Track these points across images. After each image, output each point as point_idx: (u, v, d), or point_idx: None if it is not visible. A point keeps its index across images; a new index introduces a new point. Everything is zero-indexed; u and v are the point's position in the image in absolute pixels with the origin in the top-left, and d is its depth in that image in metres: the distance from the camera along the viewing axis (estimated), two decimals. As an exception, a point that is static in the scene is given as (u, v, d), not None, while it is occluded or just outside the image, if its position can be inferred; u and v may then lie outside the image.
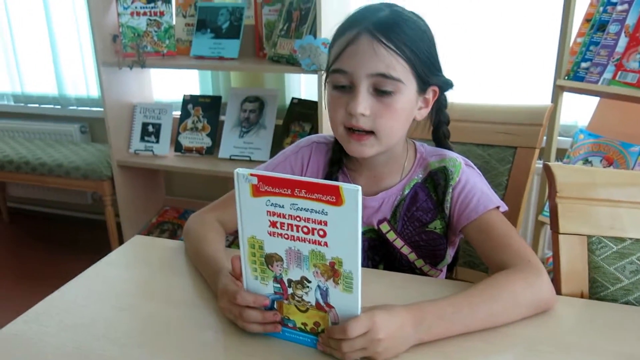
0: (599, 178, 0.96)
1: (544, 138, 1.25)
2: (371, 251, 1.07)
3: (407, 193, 1.04)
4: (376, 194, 1.05)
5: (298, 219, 0.70)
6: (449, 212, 1.02)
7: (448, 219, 1.03)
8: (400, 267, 1.07)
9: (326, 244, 0.70)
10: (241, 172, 0.71)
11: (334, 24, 0.98)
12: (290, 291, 0.76)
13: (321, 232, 0.69)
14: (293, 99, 2.44)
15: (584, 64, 1.80)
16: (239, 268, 0.79)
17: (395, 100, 0.92)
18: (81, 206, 3.26)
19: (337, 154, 1.06)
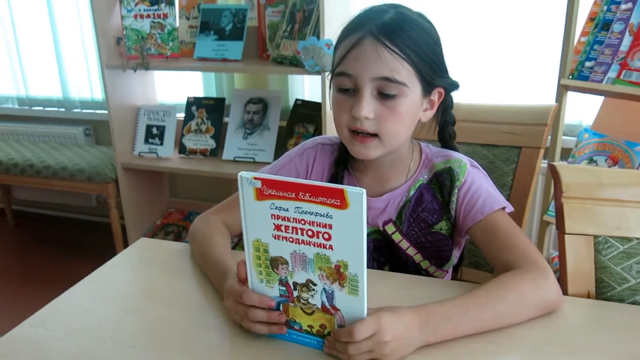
0: (604, 178, 0.96)
1: (549, 138, 1.24)
2: (376, 252, 1.07)
3: (412, 194, 1.04)
4: (381, 195, 1.04)
5: (303, 222, 0.69)
6: (454, 213, 1.02)
7: (454, 220, 1.03)
8: (406, 268, 1.06)
9: (331, 247, 0.69)
10: (245, 175, 0.71)
11: (337, 25, 0.97)
12: (295, 294, 0.76)
13: (326, 236, 0.69)
14: (297, 100, 2.44)
15: (588, 63, 1.79)
16: (244, 273, 0.79)
17: (399, 104, 0.92)
18: (86, 209, 3.27)
19: (343, 154, 1.06)
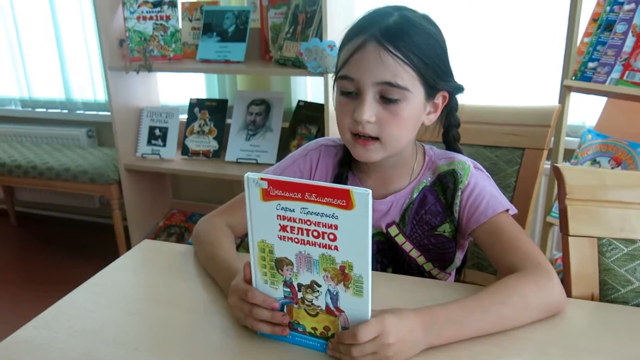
0: (608, 180, 0.96)
1: (552, 139, 1.24)
2: (380, 254, 1.07)
3: (415, 196, 1.04)
4: (385, 197, 1.04)
5: (308, 223, 0.70)
6: (458, 215, 1.02)
7: (457, 222, 1.03)
8: (409, 271, 1.06)
9: (336, 247, 0.69)
10: (251, 176, 0.71)
11: (339, 26, 0.97)
12: (300, 295, 0.76)
13: (331, 236, 0.69)
14: (299, 101, 2.44)
15: (591, 64, 1.79)
16: (250, 274, 0.79)
17: (401, 108, 0.92)
18: (89, 210, 3.27)
19: (347, 156, 1.06)
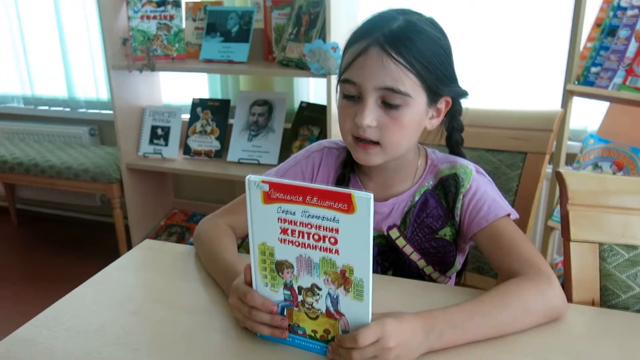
0: (610, 185, 0.96)
1: (554, 143, 1.24)
2: (380, 257, 1.07)
3: (417, 199, 1.04)
4: (386, 199, 1.04)
5: (309, 226, 0.70)
6: (459, 219, 1.02)
7: (458, 226, 1.03)
8: (410, 274, 1.06)
9: (337, 251, 0.69)
10: (253, 178, 0.71)
11: (343, 28, 0.97)
12: (300, 298, 0.76)
13: (332, 240, 0.69)
14: (302, 102, 2.44)
15: (594, 69, 1.79)
16: (250, 277, 0.79)
17: (402, 114, 0.92)
18: (90, 208, 3.28)
19: (349, 158, 1.06)
